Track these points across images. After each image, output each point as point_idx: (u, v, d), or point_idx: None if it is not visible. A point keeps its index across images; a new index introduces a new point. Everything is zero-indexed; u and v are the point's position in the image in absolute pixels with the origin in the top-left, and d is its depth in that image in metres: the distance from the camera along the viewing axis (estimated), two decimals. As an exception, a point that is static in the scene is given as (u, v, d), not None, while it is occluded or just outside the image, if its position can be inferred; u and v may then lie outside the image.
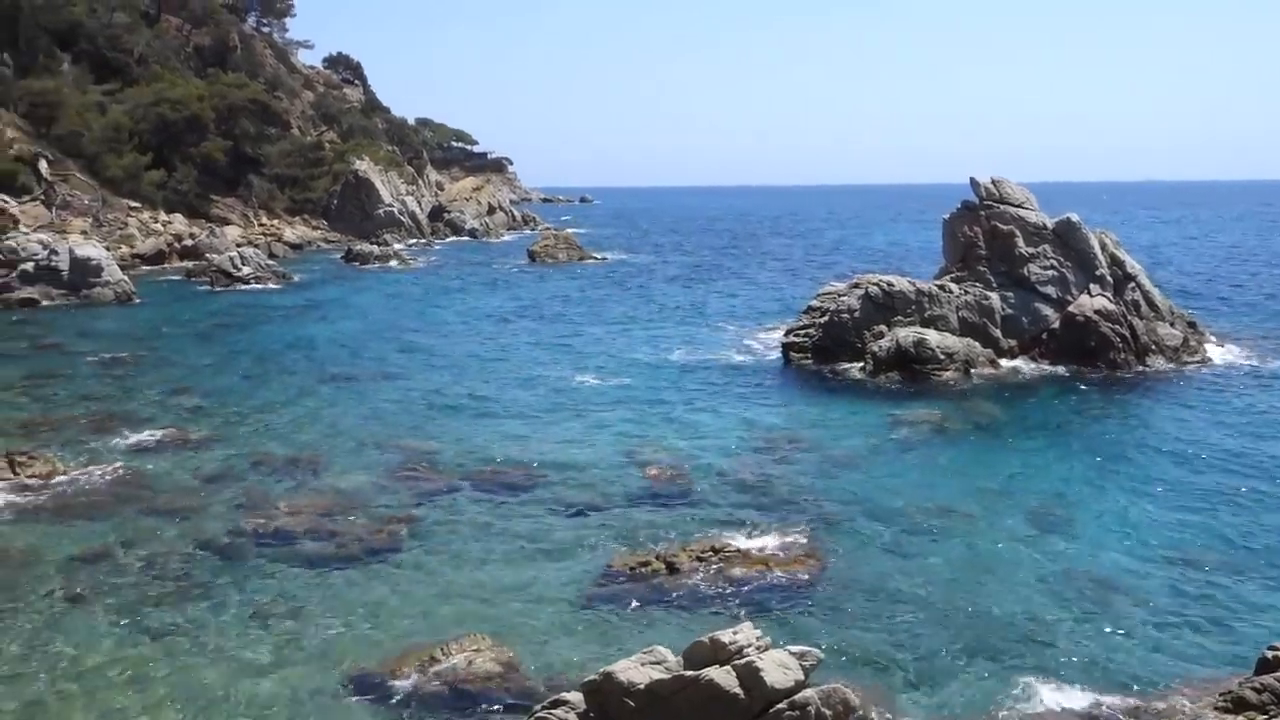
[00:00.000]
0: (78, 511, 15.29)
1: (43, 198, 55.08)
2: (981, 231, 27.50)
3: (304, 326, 34.99)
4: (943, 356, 25.22)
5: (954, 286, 26.96)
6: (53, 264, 39.51)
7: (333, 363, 28.25)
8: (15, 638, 11.32)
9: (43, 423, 20.60)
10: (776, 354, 28.82)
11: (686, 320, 37.17)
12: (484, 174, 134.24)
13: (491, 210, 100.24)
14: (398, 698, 10.18)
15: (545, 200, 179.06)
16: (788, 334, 28.76)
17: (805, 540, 14.32)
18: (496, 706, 10.05)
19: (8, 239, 45.70)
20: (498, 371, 27.10)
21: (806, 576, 13.11)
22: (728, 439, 20.11)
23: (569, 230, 75.01)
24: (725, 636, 8.30)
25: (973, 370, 25.21)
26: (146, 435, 19.55)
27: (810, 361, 27.15)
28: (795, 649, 8.41)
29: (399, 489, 16.70)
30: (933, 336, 25.62)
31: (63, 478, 16.68)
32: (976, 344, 25.98)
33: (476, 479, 17.22)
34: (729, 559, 13.55)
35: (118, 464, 17.61)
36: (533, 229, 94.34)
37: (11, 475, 16.28)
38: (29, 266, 39.52)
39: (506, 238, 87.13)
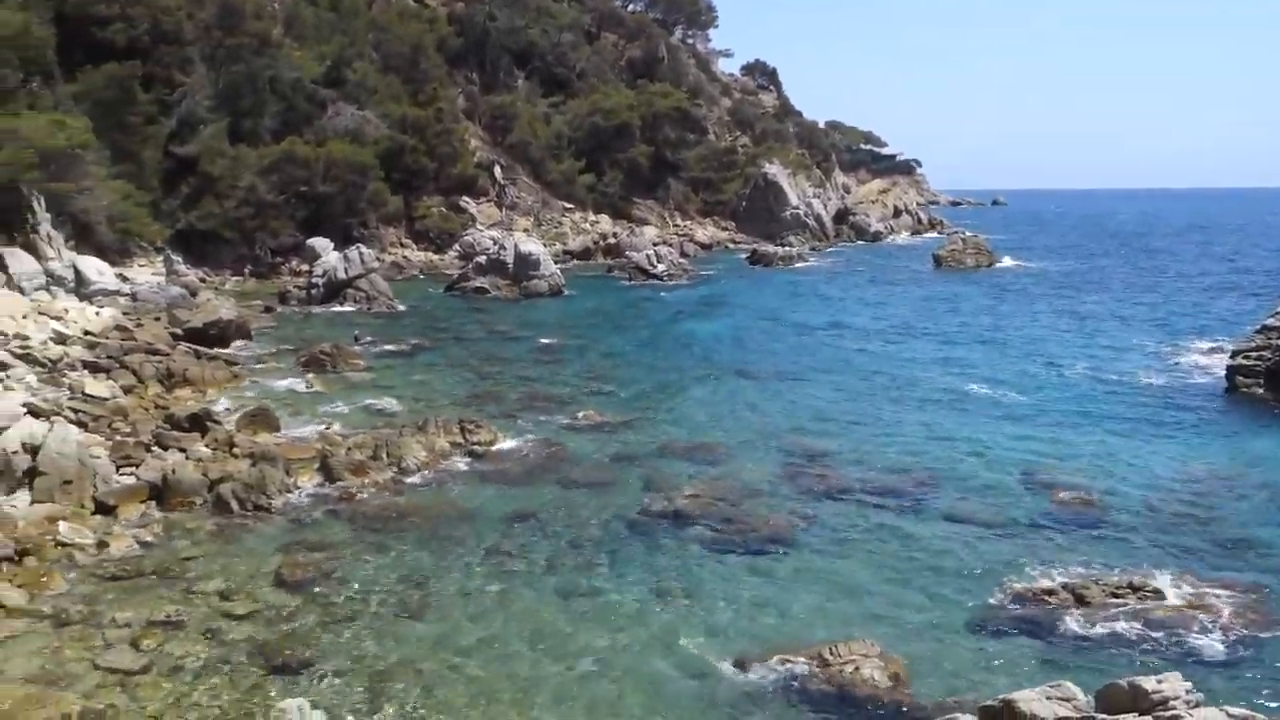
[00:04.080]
0: (511, 478, 17.16)
1: (495, 199, 62.72)
2: None
3: (708, 322, 36.58)
4: None
5: None
6: (501, 258, 44.64)
7: (733, 358, 29.26)
8: (451, 583, 12.88)
9: (487, 397, 23.37)
10: (1210, 377, 25.54)
11: (1098, 332, 34.10)
12: (891, 176, 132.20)
13: (897, 213, 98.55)
14: (783, 689, 10.29)
15: (954, 204, 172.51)
16: (1234, 355, 25.27)
17: (1247, 592, 12.52)
18: (884, 716, 9.85)
19: (467, 235, 52.57)
20: (892, 375, 26.50)
21: (1247, 633, 11.46)
22: (1150, 467, 18.11)
23: (979, 235, 71.44)
24: (1148, 683, 7.42)
25: None
26: (568, 415, 21.48)
27: (1261, 389, 23.67)
28: (1237, 712, 7.19)
29: (793, 485, 16.91)
30: None
31: (500, 446, 18.80)
32: None
33: (871, 483, 16.98)
34: (1149, 599, 12.22)
35: (544, 438, 19.54)
36: (940, 232, 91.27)
37: (462, 440, 18.65)
38: (482, 259, 45.01)
39: (912, 241, 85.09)
